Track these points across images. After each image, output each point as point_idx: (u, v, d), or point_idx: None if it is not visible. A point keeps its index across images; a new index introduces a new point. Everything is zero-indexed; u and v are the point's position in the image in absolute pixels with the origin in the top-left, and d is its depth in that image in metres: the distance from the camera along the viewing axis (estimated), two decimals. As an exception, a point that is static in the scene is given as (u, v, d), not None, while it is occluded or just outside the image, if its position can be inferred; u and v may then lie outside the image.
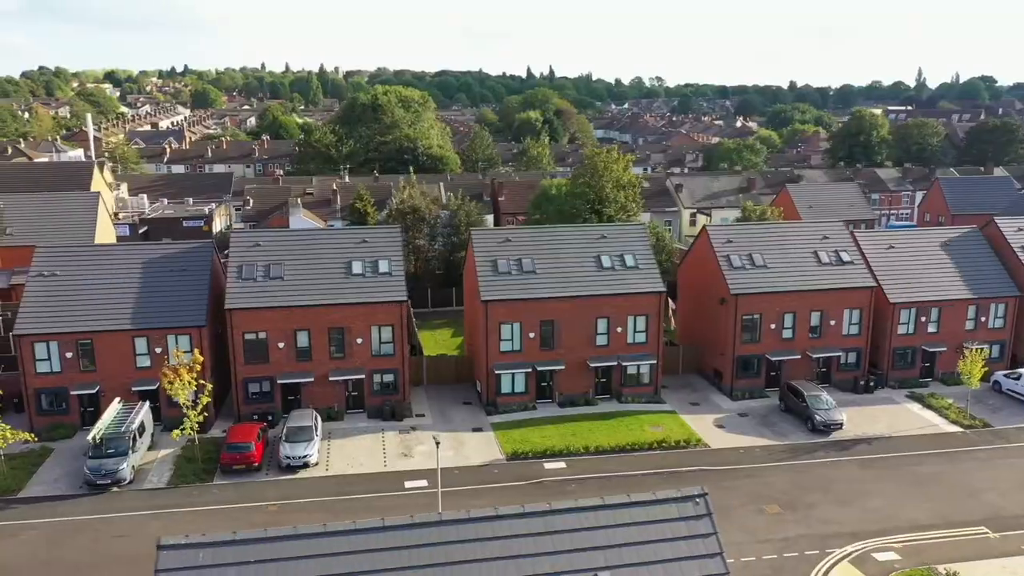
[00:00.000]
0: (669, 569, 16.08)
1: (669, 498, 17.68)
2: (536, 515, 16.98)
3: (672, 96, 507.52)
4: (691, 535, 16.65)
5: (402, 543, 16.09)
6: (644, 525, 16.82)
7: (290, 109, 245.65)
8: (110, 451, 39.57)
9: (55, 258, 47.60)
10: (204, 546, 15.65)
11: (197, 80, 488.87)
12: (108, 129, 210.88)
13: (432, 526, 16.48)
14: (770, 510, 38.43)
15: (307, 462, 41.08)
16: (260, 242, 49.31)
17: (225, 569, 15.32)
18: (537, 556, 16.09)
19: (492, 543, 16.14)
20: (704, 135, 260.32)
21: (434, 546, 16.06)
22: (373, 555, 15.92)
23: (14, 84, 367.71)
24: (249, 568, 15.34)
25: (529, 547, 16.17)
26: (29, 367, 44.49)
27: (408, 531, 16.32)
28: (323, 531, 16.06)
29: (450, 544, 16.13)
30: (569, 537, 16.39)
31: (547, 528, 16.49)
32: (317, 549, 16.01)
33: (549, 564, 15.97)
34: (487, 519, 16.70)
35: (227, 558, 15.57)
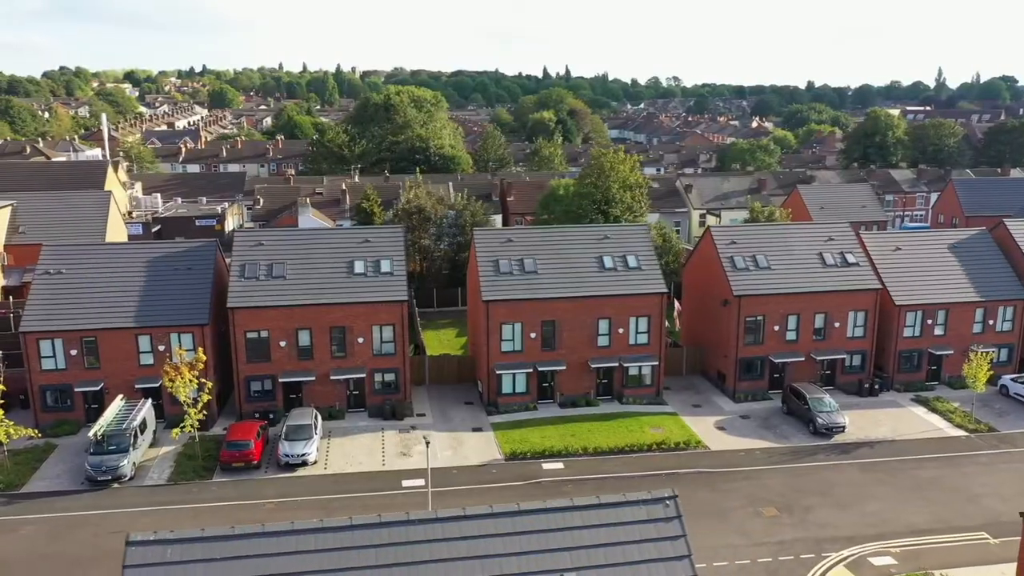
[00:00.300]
0: (636, 571, 16.04)
1: (639, 500, 17.66)
2: (504, 515, 17.02)
3: (689, 96, 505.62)
4: (660, 537, 16.63)
5: (369, 542, 16.20)
6: (613, 527, 16.81)
7: (305, 109, 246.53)
8: (111, 448, 40.01)
9: (61, 256, 48.17)
10: (172, 542, 15.85)
11: (215, 80, 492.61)
12: (125, 129, 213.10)
13: (400, 525, 16.56)
14: (767, 513, 38.24)
15: (305, 460, 41.33)
16: (263, 241, 49.66)
17: (192, 565, 15.49)
18: (504, 556, 16.12)
19: (459, 543, 16.19)
20: (719, 135, 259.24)
21: (401, 545, 16.14)
22: (340, 553, 16.03)
23: (35, 84, 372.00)
24: (216, 565, 15.50)
25: (496, 547, 16.21)
26: (34, 364, 45.06)
27: (376, 530, 16.43)
28: (290, 529, 16.20)
29: (417, 544, 16.20)
30: (537, 538, 16.41)
31: (515, 528, 16.52)
32: (284, 547, 16.16)
33: (515, 564, 16.00)
34: (455, 519, 16.78)
35: (194, 555, 15.75)
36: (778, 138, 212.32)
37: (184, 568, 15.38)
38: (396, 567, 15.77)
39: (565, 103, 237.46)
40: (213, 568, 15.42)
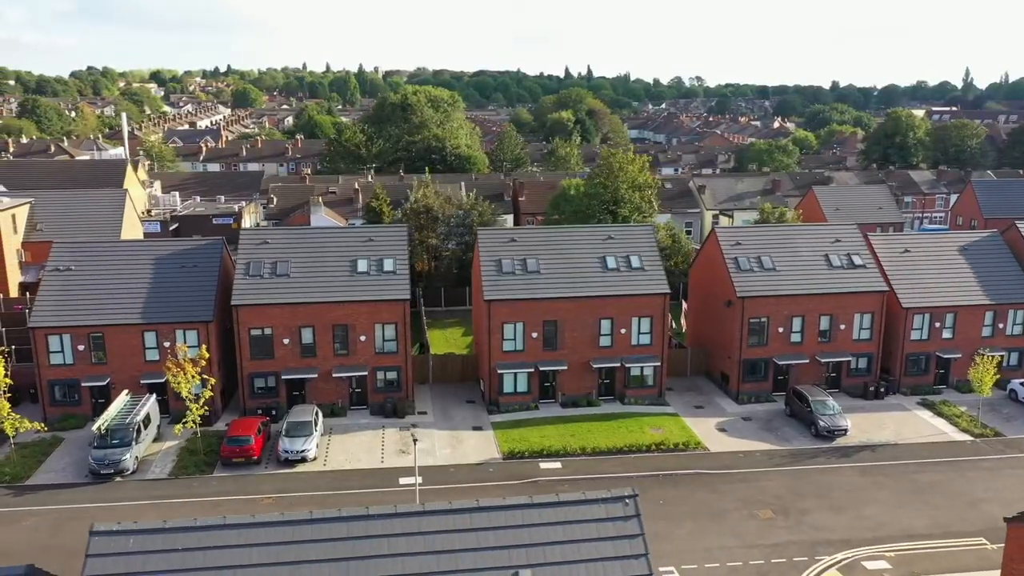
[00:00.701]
0: (592, 568, 16.16)
1: (598, 498, 17.74)
2: (463, 512, 17.19)
3: (711, 96, 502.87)
4: (618, 535, 16.69)
5: (328, 535, 16.45)
6: (571, 524, 16.92)
7: (326, 109, 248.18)
8: (114, 442, 40.68)
9: (71, 253, 49.03)
10: (134, 533, 16.20)
11: (239, 80, 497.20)
12: (148, 128, 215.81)
13: (359, 520, 16.80)
14: (763, 515, 38.08)
15: (305, 456, 41.78)
16: (268, 240, 50.20)
17: (152, 555, 15.84)
18: (460, 552, 16.30)
19: (416, 538, 16.38)
20: (739, 136, 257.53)
21: (360, 539, 16.37)
22: (301, 546, 16.29)
23: (63, 84, 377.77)
24: (175, 555, 15.84)
25: (454, 543, 16.38)
26: (43, 359, 45.90)
27: (335, 524, 16.67)
28: (250, 521, 16.51)
29: (376, 538, 16.39)
30: (494, 534, 16.56)
31: (472, 525, 16.70)
32: (244, 539, 16.46)
33: (472, 560, 16.17)
34: (414, 514, 16.97)
35: (155, 545, 16.09)
36: (798, 139, 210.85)
37: (144, 558, 15.75)
38: (353, 560, 16.01)
39: (584, 103, 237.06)
40: (173, 558, 15.77)
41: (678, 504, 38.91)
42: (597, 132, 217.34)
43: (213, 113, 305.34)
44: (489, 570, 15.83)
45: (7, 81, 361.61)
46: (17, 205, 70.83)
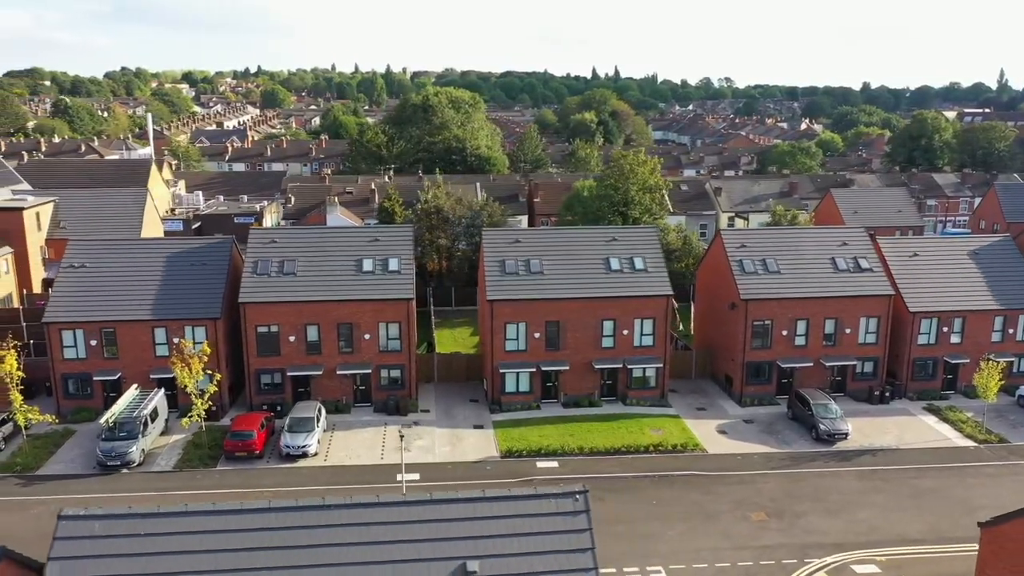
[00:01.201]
0: (539, 561, 16.58)
1: (548, 493, 18.16)
2: (416, 504, 17.70)
3: (739, 97, 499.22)
4: (566, 530, 17.09)
5: (285, 524, 17.05)
6: (521, 518, 17.38)
7: (352, 109, 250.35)
8: (122, 434, 41.81)
9: (86, 251, 50.37)
10: (100, 518, 16.99)
11: (269, 80, 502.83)
12: (178, 128, 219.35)
13: (315, 509, 17.40)
14: (756, 517, 38.17)
15: (306, 452, 42.57)
16: (276, 239, 51.18)
17: (117, 539, 16.57)
18: (410, 543, 16.81)
19: (371, 528, 16.91)
20: (765, 137, 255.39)
21: (314, 528, 16.92)
22: (259, 533, 16.91)
23: (97, 84, 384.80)
24: (138, 540, 16.55)
25: (406, 534, 16.90)
26: (56, 353, 47.24)
27: (292, 513, 17.28)
28: (212, 509, 17.21)
29: (331, 527, 16.96)
30: (445, 526, 17.05)
31: (423, 517, 17.21)
32: (203, 526, 17.12)
33: (420, 551, 16.66)
34: (368, 505, 17.53)
35: (120, 530, 16.81)
36: (824, 141, 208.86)
37: (109, 542, 16.49)
38: (307, 548, 16.58)
39: (608, 104, 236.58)
40: (135, 542, 16.48)
41: (671, 505, 39.12)
42: (620, 133, 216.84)
43: (242, 113, 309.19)
44: (438, 561, 16.35)
45: (43, 82, 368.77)
46: (41, 203, 72.67)
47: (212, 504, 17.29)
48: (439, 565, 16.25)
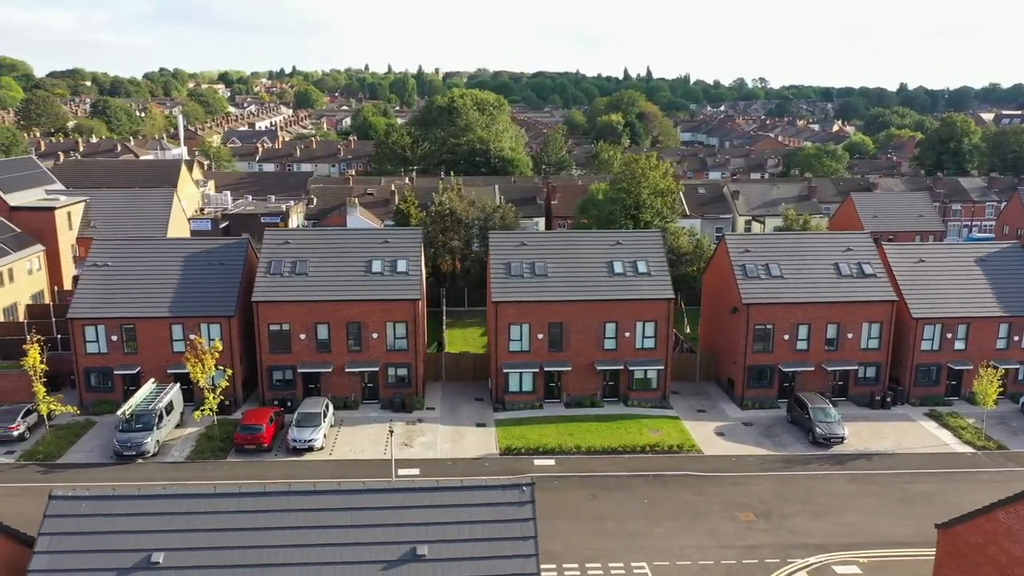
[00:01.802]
0: (484, 547, 17.75)
1: (497, 485, 19.36)
2: (373, 492, 19.02)
3: (772, 98, 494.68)
4: (511, 519, 18.27)
5: (253, 508, 18.45)
6: (470, 507, 18.59)
7: (382, 110, 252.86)
8: (138, 426, 43.84)
9: (109, 250, 52.60)
10: (86, 499, 18.55)
11: (303, 81, 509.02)
12: (212, 128, 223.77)
13: (281, 495, 18.78)
14: (744, 517, 38.99)
15: (312, 446, 44.23)
16: (290, 240, 53.00)
17: (101, 518, 18.12)
18: (367, 527, 18.08)
19: (331, 513, 18.25)
20: (794, 139, 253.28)
21: (280, 512, 18.23)
22: (229, 516, 18.30)
23: (136, 85, 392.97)
24: (120, 519, 18.07)
25: (363, 519, 18.18)
26: (80, 347, 49.48)
27: (259, 498, 18.67)
28: (186, 493, 18.70)
29: (294, 512, 18.27)
30: (400, 513, 18.33)
31: (378, 504, 18.52)
32: (179, 508, 18.62)
33: (373, 535, 17.96)
34: (330, 492, 18.88)
35: (103, 509, 18.37)
36: (854, 143, 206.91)
37: (93, 519, 18.04)
38: (272, 530, 17.95)
39: (636, 106, 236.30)
40: (117, 521, 18.01)
41: (662, 504, 40.09)
42: (647, 135, 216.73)
43: (275, 114, 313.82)
44: (391, 544, 17.65)
45: (84, 82, 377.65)
46: (73, 203, 75.50)
47: (185, 488, 18.82)
48: (391, 548, 17.56)
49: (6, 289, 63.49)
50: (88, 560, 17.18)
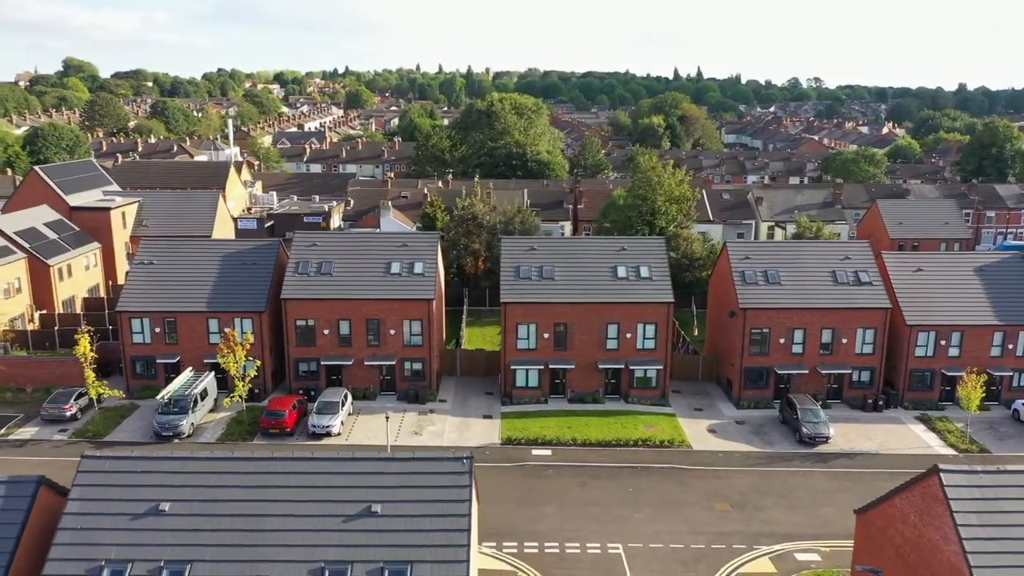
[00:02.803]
0: (427, 507, 21.18)
1: (439, 457, 22.84)
2: (339, 460, 22.71)
3: (825, 99, 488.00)
4: (452, 485, 21.69)
5: (243, 469, 22.22)
6: (418, 475, 22.08)
7: (428, 111, 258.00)
8: (175, 410, 48.58)
9: (154, 250, 57.67)
10: (110, 459, 22.59)
11: (355, 81, 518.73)
12: (264, 129, 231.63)
13: (266, 460, 22.60)
14: (720, 507, 41.92)
15: (329, 431, 48.43)
16: (317, 242, 57.34)
17: (121, 475, 22.09)
18: (332, 488, 21.72)
19: (302, 476, 21.97)
20: (840, 142, 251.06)
21: (266, 474, 21.96)
22: (223, 476, 22.10)
23: (194, 85, 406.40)
24: (136, 475, 22.05)
25: (329, 482, 21.84)
26: (127, 338, 54.57)
27: (249, 462, 22.48)
28: (192, 456, 22.67)
29: (275, 474, 21.99)
30: (359, 478, 21.96)
31: (344, 470, 22.16)
32: (181, 468, 22.53)
33: (337, 495, 21.61)
34: (303, 459, 22.60)
35: (124, 468, 22.35)
36: (900, 147, 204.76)
37: (114, 475, 22.04)
38: (256, 488, 21.73)
39: (679, 108, 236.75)
40: (134, 477, 22.01)
41: (645, 493, 43.23)
42: (688, 138, 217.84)
43: (326, 114, 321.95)
44: (351, 503, 21.29)
45: (145, 83, 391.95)
46: (127, 204, 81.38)
47: (189, 452, 22.75)
48: (352, 505, 21.22)
49: (65, 283, 69.33)
50: (109, 507, 21.28)
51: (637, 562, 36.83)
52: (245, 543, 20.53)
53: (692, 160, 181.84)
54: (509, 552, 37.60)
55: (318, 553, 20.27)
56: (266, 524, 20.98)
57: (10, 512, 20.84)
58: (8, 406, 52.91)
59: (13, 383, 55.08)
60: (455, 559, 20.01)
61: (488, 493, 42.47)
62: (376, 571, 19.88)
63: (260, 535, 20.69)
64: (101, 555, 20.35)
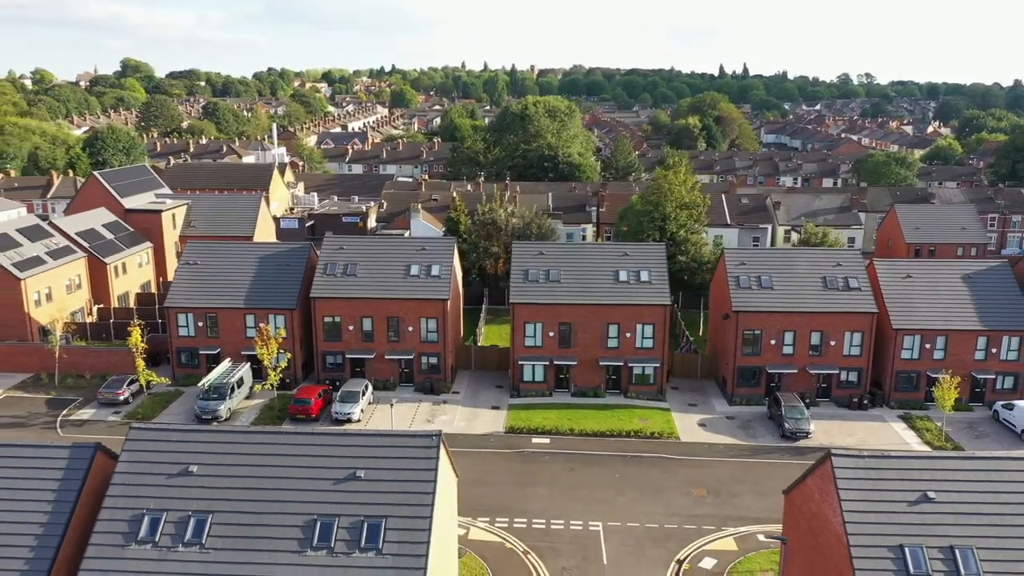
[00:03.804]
0: (397, 474, 25.90)
1: (413, 434, 27.52)
2: (331, 435, 27.58)
3: (873, 95, 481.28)
4: (423, 457, 26.22)
5: (261, 441, 27.17)
6: (395, 447, 26.70)
7: (469, 111, 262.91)
8: (214, 396, 54.32)
9: (198, 251, 63.66)
10: (152, 430, 27.71)
11: (400, 79, 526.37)
12: (309, 129, 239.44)
13: (275, 434, 27.67)
14: (697, 493, 46.06)
15: (350, 418, 53.64)
16: (344, 246, 62.68)
17: (160, 443, 27.24)
18: (325, 457, 26.52)
19: (304, 447, 26.90)
20: (882, 142, 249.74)
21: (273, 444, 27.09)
22: (243, 445, 27.11)
23: (245, 84, 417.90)
24: (172, 443, 27.17)
25: (324, 452, 26.65)
26: (173, 331, 60.61)
27: (263, 435, 27.52)
28: (228, 429, 27.65)
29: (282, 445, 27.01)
30: (347, 449, 26.76)
31: (335, 443, 26.95)
32: (208, 439, 27.61)
33: (329, 462, 26.44)
34: (303, 434, 27.50)
35: (162, 438, 27.47)
36: (941, 148, 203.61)
37: (155, 443, 27.21)
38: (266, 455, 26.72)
39: (717, 108, 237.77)
40: (170, 444, 27.17)
41: (631, 478, 47.54)
42: (724, 138, 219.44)
43: (371, 113, 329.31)
44: (340, 468, 26.09)
45: (199, 82, 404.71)
46: (177, 206, 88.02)
47: (216, 425, 27.67)
48: (341, 471, 26.00)
49: (120, 280, 76.02)
50: (149, 468, 26.45)
51: (613, 538, 41.26)
52: (255, 499, 25.54)
53: (726, 161, 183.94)
54: (500, 526, 42.35)
55: (311, 508, 25.21)
56: (272, 484, 25.98)
57: (73, 471, 26.21)
58: (69, 390, 59.37)
59: (74, 370, 61.55)
60: (421, 516, 24.77)
61: (487, 475, 47.49)
62: (357, 523, 24.72)
63: (267, 492, 25.70)
64: (142, 506, 25.56)
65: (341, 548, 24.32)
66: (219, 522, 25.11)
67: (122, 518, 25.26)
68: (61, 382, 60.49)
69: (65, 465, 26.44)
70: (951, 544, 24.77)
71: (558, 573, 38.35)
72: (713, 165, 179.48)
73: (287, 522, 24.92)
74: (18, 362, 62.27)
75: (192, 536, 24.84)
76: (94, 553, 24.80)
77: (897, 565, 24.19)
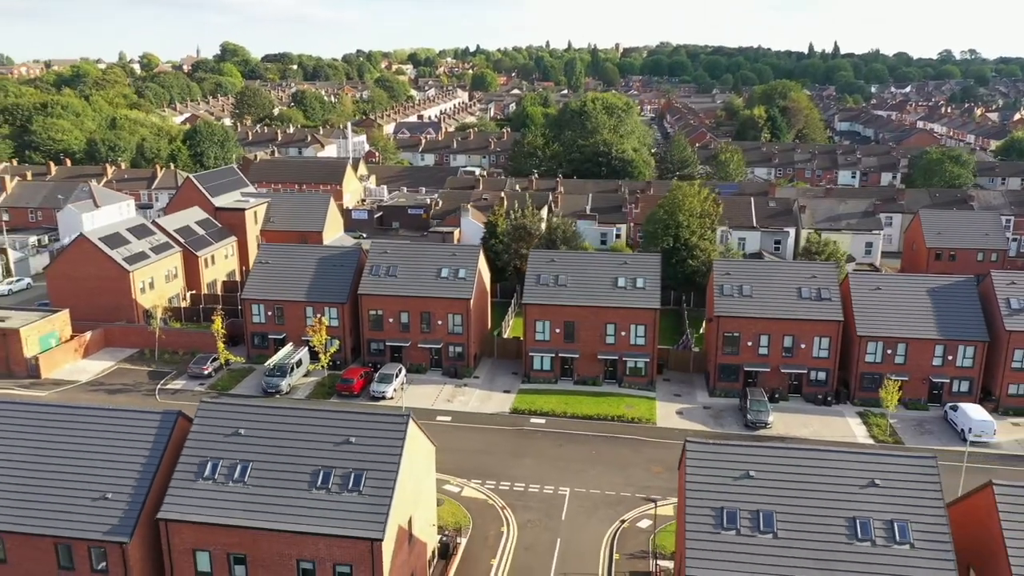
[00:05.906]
0: (377, 441, 36.85)
1: (388, 414, 38.49)
2: (328, 411, 38.85)
3: (971, 75, 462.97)
4: (395, 431, 37.24)
5: (284, 411, 38.97)
6: (376, 423, 37.68)
7: (543, 99, 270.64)
8: (277, 373, 67.03)
9: (270, 252, 76.52)
10: (211, 402, 39.57)
11: (483, 60, 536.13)
12: (389, 117, 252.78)
13: (297, 408, 39.18)
14: (655, 470, 55.86)
15: (384, 395, 65.47)
16: (388, 250, 74.37)
17: (218, 411, 39.14)
18: (323, 426, 37.83)
19: (309, 419, 38.45)
20: (960, 132, 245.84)
21: (295, 412, 38.56)
22: (276, 412, 38.83)
23: (334, 68, 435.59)
24: (227, 411, 39.08)
25: (323, 423, 38.02)
26: (248, 318, 73.73)
27: (289, 408, 39.15)
28: (256, 405, 39.47)
29: (301, 415, 38.55)
30: (342, 421, 37.98)
31: (332, 417, 38.22)
32: (253, 410, 39.33)
33: (327, 432, 37.76)
34: (317, 410, 38.90)
35: (218, 408, 39.41)
36: (1016, 140, 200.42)
37: (214, 411, 39.14)
38: (290, 421, 38.43)
39: (788, 98, 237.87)
40: (226, 412, 39.08)
41: (604, 454, 57.68)
42: (790, 129, 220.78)
43: (451, 98, 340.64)
44: (337, 436, 37.43)
45: (291, 66, 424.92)
46: (258, 204, 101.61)
47: (260, 400, 39.69)
48: (338, 437, 37.42)
49: (209, 270, 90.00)
50: (213, 429, 38.44)
51: (575, 501, 51.69)
52: (280, 453, 37.23)
53: (785, 154, 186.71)
54: (489, 487, 53.35)
55: (317, 461, 36.62)
56: (292, 441, 37.61)
57: (162, 431, 38.45)
58: (165, 364, 73.35)
59: (170, 347, 75.56)
60: (390, 469, 35.97)
61: (489, 447, 58.49)
62: (347, 473, 36.14)
63: (289, 447, 37.31)
64: (207, 455, 37.58)
65: (335, 489, 35.80)
66: (256, 468, 36.93)
67: (193, 463, 37.35)
68: (160, 357, 74.56)
69: (157, 426, 38.71)
70: (758, 508, 34.41)
71: (524, 523, 49.15)
72: (772, 158, 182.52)
73: (300, 470, 36.52)
74: (127, 339, 76.81)
75: (238, 476, 36.75)
76: (175, 485, 37.01)
77: (716, 521, 34.08)
